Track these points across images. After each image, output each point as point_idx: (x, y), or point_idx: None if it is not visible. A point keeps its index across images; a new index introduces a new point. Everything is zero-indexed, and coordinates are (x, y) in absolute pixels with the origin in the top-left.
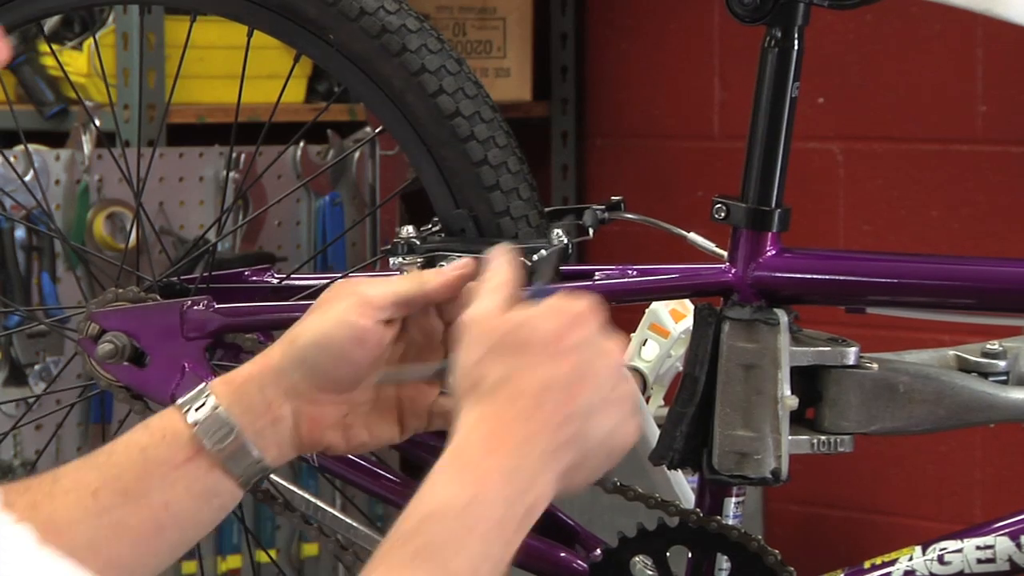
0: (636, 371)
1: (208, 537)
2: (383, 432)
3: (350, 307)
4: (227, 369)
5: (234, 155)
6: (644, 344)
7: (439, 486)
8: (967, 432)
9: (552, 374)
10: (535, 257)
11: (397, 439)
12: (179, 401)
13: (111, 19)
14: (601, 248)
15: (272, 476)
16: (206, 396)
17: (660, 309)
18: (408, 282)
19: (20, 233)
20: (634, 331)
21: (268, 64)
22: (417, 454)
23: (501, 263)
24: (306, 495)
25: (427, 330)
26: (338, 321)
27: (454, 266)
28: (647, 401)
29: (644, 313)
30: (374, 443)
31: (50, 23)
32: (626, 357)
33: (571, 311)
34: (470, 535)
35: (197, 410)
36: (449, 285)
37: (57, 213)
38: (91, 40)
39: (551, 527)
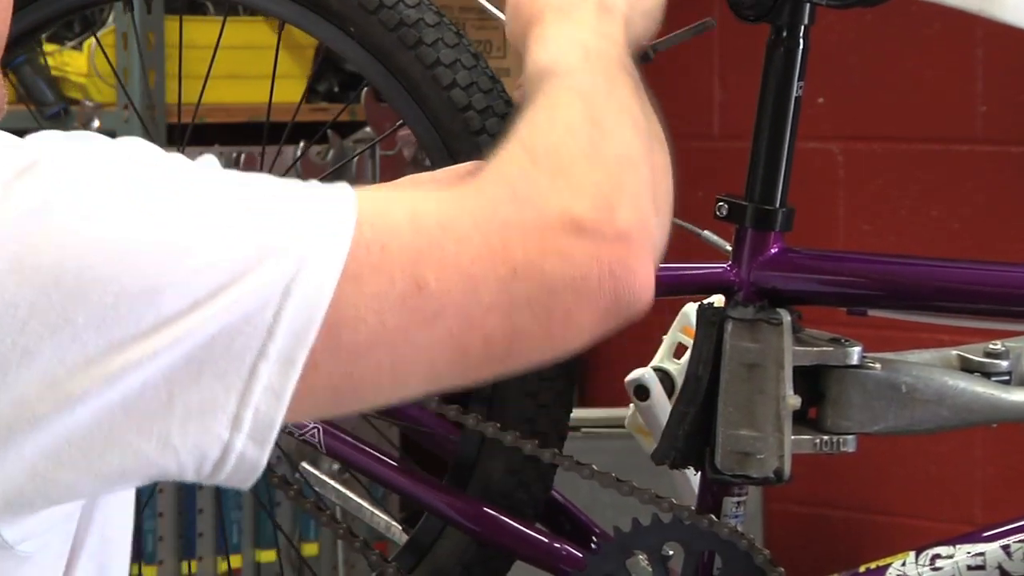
0: (666, 374)
1: (208, 537)
2: None
3: None
4: None
5: (234, 156)
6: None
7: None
8: (967, 432)
9: None
10: None
11: None
12: None
13: (111, 19)
14: None
15: (307, 467)
16: None
17: (692, 312)
18: None
19: None
20: (666, 333)
21: (267, 64)
22: (418, 434)
23: None
24: (339, 486)
25: None
26: None
27: None
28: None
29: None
30: None
31: None
32: (657, 359)
33: None
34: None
35: None
36: None
37: None
38: (91, 40)
39: (563, 520)
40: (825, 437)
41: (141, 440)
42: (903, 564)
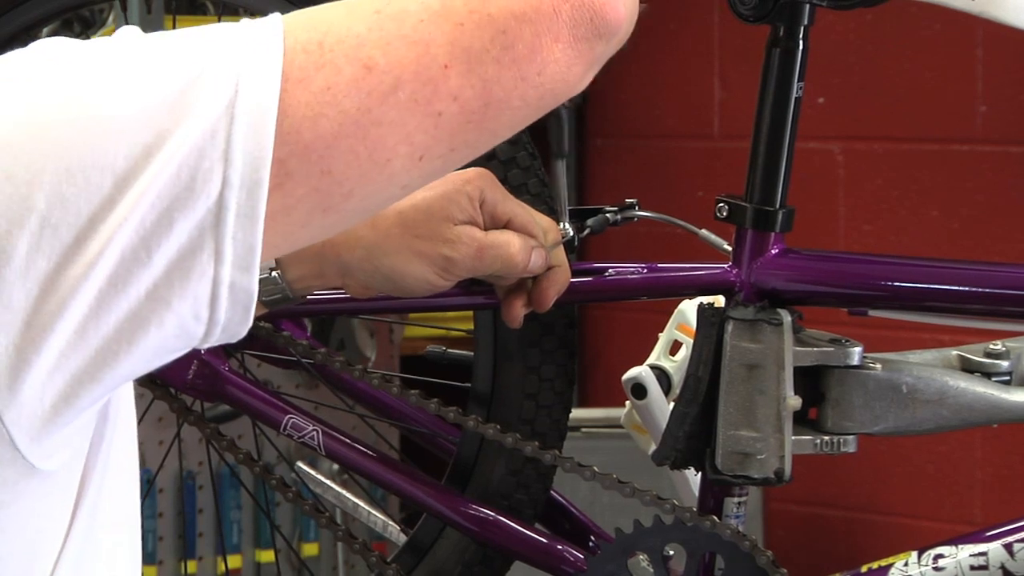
0: (662, 371)
1: (208, 537)
2: None
3: (433, 269)
4: (241, 356)
5: None
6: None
7: None
8: (967, 432)
9: None
10: None
11: None
12: None
13: (111, 19)
14: (603, 247)
15: (303, 467)
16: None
17: (688, 309)
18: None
19: None
20: (662, 331)
21: None
22: (417, 436)
23: None
24: (335, 485)
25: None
26: (418, 278)
27: None
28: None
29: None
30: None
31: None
32: (653, 357)
33: None
34: None
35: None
36: None
37: None
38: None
39: (563, 521)
40: (826, 437)
41: (134, 305)
42: (905, 564)
